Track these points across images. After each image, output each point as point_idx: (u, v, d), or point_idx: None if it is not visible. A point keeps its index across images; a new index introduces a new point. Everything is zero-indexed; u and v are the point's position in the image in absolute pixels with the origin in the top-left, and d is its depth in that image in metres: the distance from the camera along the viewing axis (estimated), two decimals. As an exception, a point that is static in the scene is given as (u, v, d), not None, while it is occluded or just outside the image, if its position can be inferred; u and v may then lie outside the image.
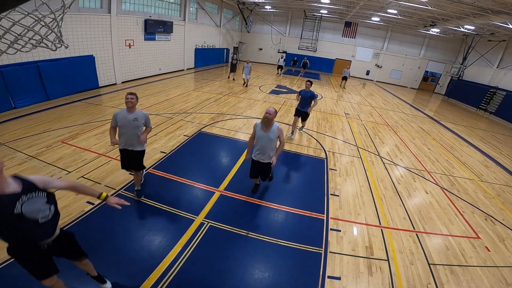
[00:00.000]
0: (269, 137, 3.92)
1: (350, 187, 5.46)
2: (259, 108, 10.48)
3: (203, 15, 18.82)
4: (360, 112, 12.22)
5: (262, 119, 3.93)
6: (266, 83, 16.60)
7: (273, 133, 3.92)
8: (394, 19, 18.58)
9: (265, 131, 3.92)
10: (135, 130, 3.70)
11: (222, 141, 6.95)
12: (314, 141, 7.77)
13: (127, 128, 3.66)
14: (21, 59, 7.47)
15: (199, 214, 4.03)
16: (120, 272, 2.96)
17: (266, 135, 3.93)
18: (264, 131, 3.93)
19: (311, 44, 25.60)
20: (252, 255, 3.41)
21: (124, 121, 3.61)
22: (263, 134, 3.94)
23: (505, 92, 15.60)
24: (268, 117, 3.83)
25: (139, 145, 3.85)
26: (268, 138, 3.93)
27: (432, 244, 4.08)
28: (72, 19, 8.87)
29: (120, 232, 3.51)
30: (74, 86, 9.46)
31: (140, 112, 3.71)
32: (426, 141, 9.31)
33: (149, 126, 3.88)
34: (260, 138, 3.98)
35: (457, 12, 12.98)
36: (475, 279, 3.49)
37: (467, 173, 7.07)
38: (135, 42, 12.33)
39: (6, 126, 6.32)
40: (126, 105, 3.60)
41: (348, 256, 3.63)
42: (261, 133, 3.95)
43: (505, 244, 4.30)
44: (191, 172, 5.21)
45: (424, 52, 23.57)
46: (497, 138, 11.31)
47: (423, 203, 5.27)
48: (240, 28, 26.61)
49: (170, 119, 7.99)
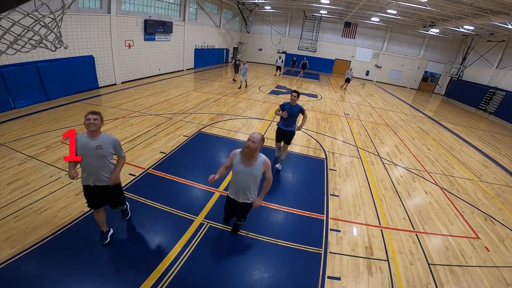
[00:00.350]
0: (251, 174, 2.95)
1: (349, 188, 5.46)
2: (258, 108, 10.49)
3: (202, 15, 18.82)
4: (359, 113, 12.23)
5: (243, 150, 2.89)
6: (266, 83, 16.60)
7: (257, 169, 2.94)
8: (394, 19, 18.61)
9: (246, 165, 2.92)
10: (100, 161, 2.83)
11: (222, 142, 6.95)
12: (313, 141, 7.77)
13: (89, 158, 2.78)
14: (20, 59, 7.46)
15: (198, 214, 4.02)
16: (120, 272, 2.96)
17: (247, 170, 2.93)
18: (246, 165, 2.91)
19: (311, 45, 25.61)
20: (251, 256, 3.41)
21: (84, 149, 2.75)
22: (244, 169, 2.93)
23: (504, 92, 15.62)
24: (250, 146, 2.78)
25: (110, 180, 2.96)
26: (251, 175, 2.96)
27: (431, 244, 4.08)
28: (72, 19, 8.87)
29: (120, 233, 3.50)
30: (73, 86, 9.45)
31: (107, 137, 2.85)
32: (426, 142, 9.31)
33: (121, 155, 3.00)
34: (240, 174, 2.97)
35: (457, 12, 13.00)
36: (475, 279, 3.49)
37: (466, 173, 7.08)
38: (134, 42, 12.33)
39: (6, 126, 6.31)
40: (87, 128, 2.72)
41: (348, 256, 3.63)
42: (240, 168, 2.94)
43: (504, 244, 4.30)
44: (191, 173, 5.20)
45: (424, 52, 23.60)
46: (497, 138, 11.32)
47: (423, 203, 5.27)
48: (239, 28, 26.62)
49: (169, 119, 7.98)
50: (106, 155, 2.85)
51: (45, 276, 2.77)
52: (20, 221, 3.46)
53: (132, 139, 6.30)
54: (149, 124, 7.41)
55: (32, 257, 2.97)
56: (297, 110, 5.25)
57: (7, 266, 2.82)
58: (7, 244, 3.08)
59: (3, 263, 2.85)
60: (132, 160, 5.36)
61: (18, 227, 3.36)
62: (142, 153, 5.72)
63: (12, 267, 2.82)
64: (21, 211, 3.64)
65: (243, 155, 2.89)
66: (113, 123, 7.20)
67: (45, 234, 3.29)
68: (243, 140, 7.11)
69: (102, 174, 2.88)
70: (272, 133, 7.74)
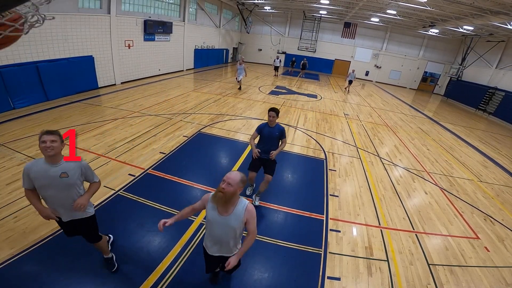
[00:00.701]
0: (228, 225, 2.16)
1: (349, 188, 5.47)
2: (258, 108, 10.49)
3: (202, 15, 18.83)
4: (359, 113, 12.24)
5: (215, 194, 2.14)
6: (266, 83, 16.61)
7: (236, 218, 2.15)
8: (393, 19, 18.63)
9: (221, 213, 2.14)
10: (68, 192, 2.30)
11: (222, 142, 6.95)
12: (313, 141, 7.77)
13: (52, 190, 2.24)
14: (20, 59, 7.47)
15: (198, 214, 4.02)
16: (119, 273, 2.95)
17: (222, 220, 2.14)
18: (221, 212, 2.14)
19: (311, 45, 25.64)
20: (251, 256, 3.40)
21: (45, 179, 2.18)
22: (218, 219, 2.16)
23: (504, 92, 15.64)
24: (225, 190, 2.03)
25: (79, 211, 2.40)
26: (227, 227, 2.16)
27: (431, 245, 4.09)
28: (72, 19, 8.87)
29: (119, 233, 3.50)
30: (73, 86, 9.44)
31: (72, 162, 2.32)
32: (425, 142, 9.32)
33: (94, 181, 2.50)
34: (213, 224, 2.21)
35: (456, 12, 13.02)
36: (475, 279, 3.49)
37: (466, 173, 7.08)
38: (134, 42, 12.32)
39: (6, 127, 6.31)
40: (44, 153, 2.13)
41: (347, 256, 3.63)
42: (214, 216, 2.17)
43: (504, 244, 4.30)
44: (191, 173, 5.20)
45: (423, 52, 23.63)
46: (496, 139, 11.33)
47: (423, 204, 5.27)
48: (239, 28, 26.63)
49: (169, 119, 7.98)
50: (75, 184, 2.31)
51: (45, 276, 2.77)
52: (20, 221, 3.45)
53: (131, 140, 6.30)
54: (148, 124, 7.41)
55: (31, 257, 2.97)
56: (277, 133, 4.11)
57: (7, 266, 2.82)
58: (6, 244, 3.08)
59: (3, 263, 2.84)
60: (132, 160, 5.37)
61: (18, 227, 3.36)
62: (141, 153, 5.72)
63: (12, 267, 2.82)
64: (21, 211, 3.64)
65: (216, 201, 2.12)
66: (112, 123, 7.20)
67: (45, 234, 3.29)
68: (243, 140, 7.10)
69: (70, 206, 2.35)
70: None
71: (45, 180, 2.20)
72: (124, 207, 4.02)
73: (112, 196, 4.18)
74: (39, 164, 2.19)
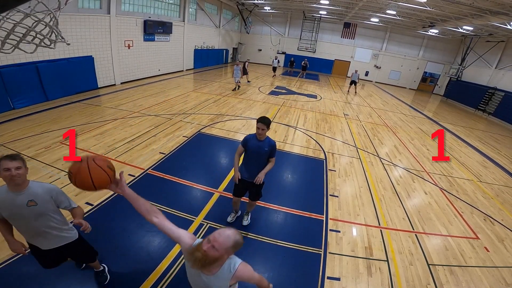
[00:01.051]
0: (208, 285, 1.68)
1: (349, 188, 5.47)
2: (258, 109, 10.49)
3: (202, 16, 18.83)
4: (359, 113, 12.24)
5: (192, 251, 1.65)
6: (265, 84, 16.62)
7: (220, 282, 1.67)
8: (393, 20, 18.65)
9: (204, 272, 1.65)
10: (42, 221, 2.05)
11: (221, 142, 6.95)
12: (313, 142, 7.77)
13: (23, 220, 2.01)
14: (20, 59, 7.45)
15: (198, 214, 4.02)
16: (119, 273, 2.95)
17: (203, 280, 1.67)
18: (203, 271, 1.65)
19: (310, 45, 25.65)
20: (251, 256, 3.40)
21: (12, 208, 1.94)
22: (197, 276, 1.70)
23: (503, 92, 15.65)
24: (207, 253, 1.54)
25: (63, 236, 2.23)
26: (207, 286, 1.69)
27: (431, 245, 4.09)
28: (72, 19, 8.86)
29: (119, 233, 3.50)
30: (73, 87, 9.43)
31: (38, 186, 2.05)
32: (425, 142, 9.32)
33: (72, 207, 2.19)
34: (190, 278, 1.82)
35: (456, 12, 13.03)
36: (475, 279, 3.49)
37: (466, 173, 7.09)
38: (134, 42, 12.32)
39: (5, 127, 6.30)
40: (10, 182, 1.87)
41: (347, 256, 3.63)
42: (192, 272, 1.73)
43: (504, 245, 4.31)
44: (190, 173, 5.20)
45: (423, 53, 23.64)
46: (496, 139, 11.34)
47: (422, 204, 5.28)
48: (239, 29, 26.64)
49: (169, 120, 7.98)
50: (46, 213, 2.04)
51: (45, 276, 2.76)
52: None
53: (131, 140, 6.30)
54: (148, 124, 7.40)
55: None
56: (267, 148, 3.27)
57: (7, 266, 2.82)
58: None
59: (3, 263, 2.84)
60: (132, 160, 5.37)
61: (17, 227, 3.35)
62: (141, 153, 5.72)
63: (12, 267, 2.82)
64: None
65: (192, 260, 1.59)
66: (112, 123, 7.20)
67: (45, 234, 3.28)
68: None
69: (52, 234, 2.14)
70: (272, 135, 7.74)
71: (13, 210, 1.95)
72: (123, 207, 4.01)
73: (112, 196, 4.18)
74: (3, 193, 1.92)
